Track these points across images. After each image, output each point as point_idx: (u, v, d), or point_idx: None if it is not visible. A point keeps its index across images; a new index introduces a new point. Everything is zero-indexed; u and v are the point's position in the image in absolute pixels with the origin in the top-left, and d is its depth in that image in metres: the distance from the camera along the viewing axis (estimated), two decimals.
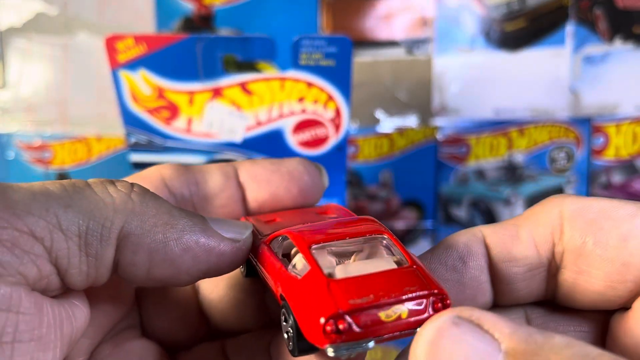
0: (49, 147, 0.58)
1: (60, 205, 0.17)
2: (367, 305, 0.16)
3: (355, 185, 0.59)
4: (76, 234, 0.17)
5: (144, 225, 0.18)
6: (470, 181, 0.59)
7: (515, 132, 0.58)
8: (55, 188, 0.18)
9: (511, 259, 0.20)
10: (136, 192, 0.19)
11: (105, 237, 0.18)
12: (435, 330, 0.15)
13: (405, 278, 0.17)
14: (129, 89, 0.41)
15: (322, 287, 0.17)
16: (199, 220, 0.20)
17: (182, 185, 0.24)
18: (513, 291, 0.21)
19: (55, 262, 0.17)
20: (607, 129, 0.58)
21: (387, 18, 0.58)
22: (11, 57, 0.58)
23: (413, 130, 0.58)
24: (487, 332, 0.14)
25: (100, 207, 0.18)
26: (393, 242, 0.19)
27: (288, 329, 0.18)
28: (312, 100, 0.41)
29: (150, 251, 0.18)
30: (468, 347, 0.14)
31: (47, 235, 0.17)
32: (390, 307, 0.17)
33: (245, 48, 0.40)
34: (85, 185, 0.18)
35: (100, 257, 0.18)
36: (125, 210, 0.18)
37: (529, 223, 0.20)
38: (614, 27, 0.57)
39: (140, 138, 0.42)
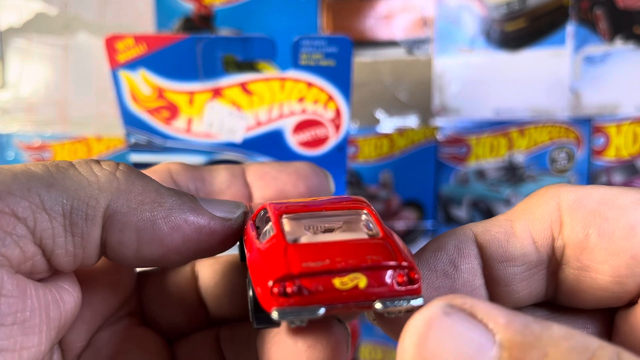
0: (49, 148, 0.58)
1: (42, 185, 0.16)
2: (321, 269, 0.15)
3: (355, 185, 0.59)
4: (60, 213, 0.17)
5: (130, 203, 0.18)
6: (470, 181, 0.59)
7: (515, 133, 0.58)
8: (37, 168, 0.17)
9: (507, 258, 0.19)
10: (121, 171, 0.18)
11: (90, 216, 0.17)
12: (425, 321, 0.14)
13: (371, 248, 0.16)
14: (129, 89, 0.41)
15: (279, 252, 0.16)
16: (188, 199, 0.19)
17: (189, 179, 0.24)
18: (511, 293, 0.19)
19: (39, 243, 0.17)
20: (607, 129, 0.58)
21: (387, 18, 0.58)
22: (11, 57, 0.58)
23: (413, 130, 0.58)
24: (480, 322, 0.13)
25: (85, 185, 0.17)
26: (372, 218, 0.18)
27: (248, 300, 0.18)
28: (312, 101, 0.41)
29: (137, 230, 0.18)
30: (460, 339, 0.13)
31: (30, 215, 0.16)
32: (346, 274, 0.15)
33: (245, 48, 0.40)
34: (69, 165, 0.18)
35: (87, 236, 0.17)
36: (110, 188, 0.18)
37: (524, 217, 0.19)
38: (614, 27, 0.57)
39: (140, 138, 0.42)
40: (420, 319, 0.14)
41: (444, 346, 0.13)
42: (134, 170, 0.19)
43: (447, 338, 0.13)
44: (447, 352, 0.13)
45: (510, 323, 0.13)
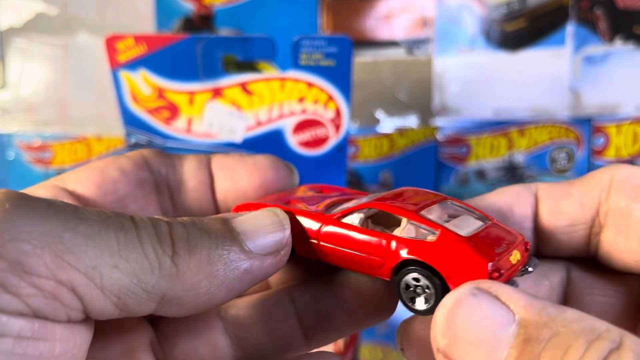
0: (49, 147, 0.58)
1: (107, 264, 0.17)
2: (503, 253, 0.19)
3: (355, 185, 0.59)
4: (116, 294, 0.17)
5: (186, 286, 0.18)
6: (470, 181, 0.59)
7: (515, 132, 0.58)
8: (109, 231, 0.17)
9: (556, 212, 0.22)
10: (179, 255, 0.18)
11: (144, 301, 0.18)
12: (454, 300, 0.16)
13: (500, 230, 0.21)
14: (129, 89, 0.41)
15: (464, 244, 0.19)
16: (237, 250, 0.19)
17: (161, 165, 0.25)
18: (555, 242, 0.22)
19: (87, 314, 0.17)
20: (607, 129, 0.58)
21: (387, 18, 0.58)
22: (11, 57, 0.58)
23: (413, 130, 0.59)
24: (503, 303, 0.15)
25: (146, 270, 0.17)
26: (459, 203, 0.22)
27: (426, 290, 0.19)
28: (313, 101, 0.41)
29: (193, 305, 0.19)
30: (483, 315, 0.15)
31: (88, 293, 0.17)
32: (511, 253, 0.20)
33: (246, 48, 0.40)
34: (135, 229, 0.18)
35: (136, 313, 0.18)
36: (169, 275, 0.18)
37: (582, 183, 0.22)
38: (614, 27, 0.57)
39: (140, 138, 0.42)
40: (451, 297, 0.16)
41: (469, 321, 0.15)
42: (190, 243, 0.19)
43: (472, 314, 0.15)
44: (472, 326, 0.15)
45: (529, 305, 0.15)
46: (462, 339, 0.15)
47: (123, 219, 0.18)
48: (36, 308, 0.16)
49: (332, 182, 0.44)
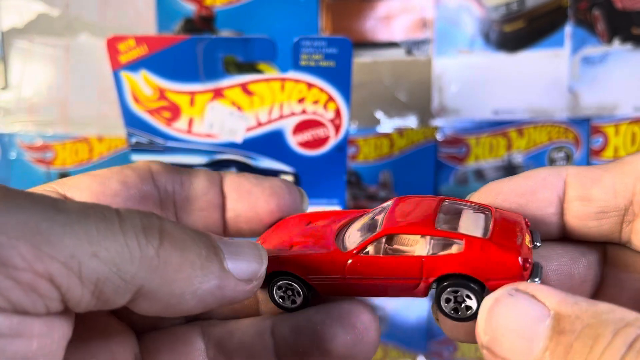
0: (51, 148, 0.59)
1: (86, 252, 0.17)
2: (522, 240, 0.20)
3: (355, 185, 0.59)
4: (94, 282, 0.17)
5: (163, 281, 0.18)
6: (469, 181, 0.59)
7: (514, 133, 0.59)
8: (89, 220, 0.17)
9: (586, 198, 0.22)
10: (164, 248, 0.18)
11: (121, 290, 0.18)
12: (493, 300, 0.18)
13: (506, 218, 0.21)
14: (130, 90, 0.41)
15: (491, 246, 0.20)
16: (217, 265, 0.20)
17: (168, 181, 0.25)
18: (584, 228, 0.22)
19: (65, 303, 0.17)
20: (605, 130, 0.59)
21: (386, 19, 0.58)
22: (13, 58, 0.58)
23: (413, 130, 0.59)
24: (538, 301, 0.17)
25: (125, 259, 0.17)
26: (452, 200, 0.23)
27: (466, 298, 0.20)
28: (312, 101, 0.41)
29: (165, 303, 0.19)
30: (520, 312, 0.17)
31: (65, 281, 0.16)
32: (525, 237, 0.21)
33: (246, 49, 0.41)
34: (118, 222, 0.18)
35: (111, 303, 0.18)
36: (148, 267, 0.18)
37: (616, 169, 0.22)
38: (612, 28, 0.57)
39: (141, 139, 0.43)
40: (490, 298, 0.18)
41: (507, 317, 0.17)
42: (176, 240, 0.19)
43: (511, 311, 0.17)
44: (511, 322, 0.17)
45: (563, 301, 0.16)
46: (503, 334, 0.17)
47: (106, 210, 0.18)
48: (15, 302, 0.16)
49: (332, 182, 0.44)
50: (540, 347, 0.16)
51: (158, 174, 0.24)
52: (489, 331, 0.17)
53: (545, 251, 0.23)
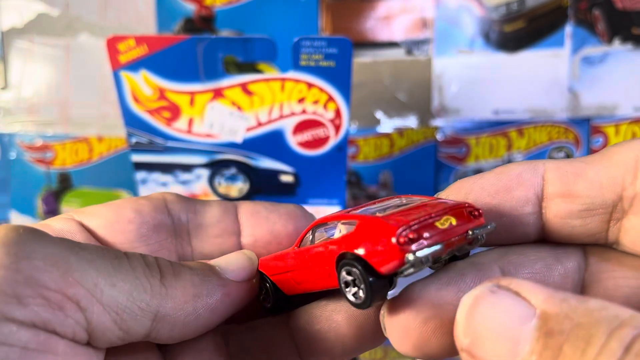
0: (51, 148, 0.59)
1: (107, 283, 0.19)
2: (423, 218, 0.19)
3: (355, 185, 0.59)
4: (114, 310, 0.19)
5: (175, 305, 0.21)
6: None
7: (514, 133, 0.59)
8: (105, 258, 0.20)
9: (568, 195, 0.20)
10: (167, 280, 0.21)
11: (140, 317, 0.20)
12: (473, 298, 0.16)
13: (438, 203, 0.20)
14: (130, 90, 0.41)
15: (375, 221, 0.19)
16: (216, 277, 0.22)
17: (182, 210, 0.26)
18: (567, 228, 0.20)
19: (90, 331, 0.19)
20: (606, 130, 0.59)
21: (386, 19, 0.58)
22: (13, 58, 0.58)
23: (413, 130, 0.59)
24: (523, 298, 0.15)
25: (140, 290, 0.20)
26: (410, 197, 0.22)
27: (356, 281, 0.19)
28: (312, 101, 0.41)
29: (183, 325, 0.21)
30: (503, 311, 0.15)
31: (90, 307, 0.19)
32: (440, 217, 0.19)
33: (246, 49, 0.41)
34: (132, 263, 0.20)
35: (133, 333, 0.20)
36: (160, 294, 0.20)
37: (600, 162, 0.20)
38: (612, 28, 0.57)
39: (141, 139, 0.43)
40: (469, 296, 0.16)
41: (489, 318, 0.15)
42: (175, 271, 0.21)
43: (493, 311, 0.15)
44: (493, 323, 0.15)
45: (550, 298, 0.15)
46: (484, 336, 0.15)
47: (116, 251, 0.21)
48: (44, 319, 0.18)
49: (332, 182, 0.44)
50: (526, 350, 0.15)
51: (172, 203, 0.26)
52: (469, 333, 0.16)
53: (517, 257, 0.20)
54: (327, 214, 0.23)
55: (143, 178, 0.44)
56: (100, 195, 0.59)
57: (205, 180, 0.45)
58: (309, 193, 0.45)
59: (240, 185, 0.45)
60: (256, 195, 0.45)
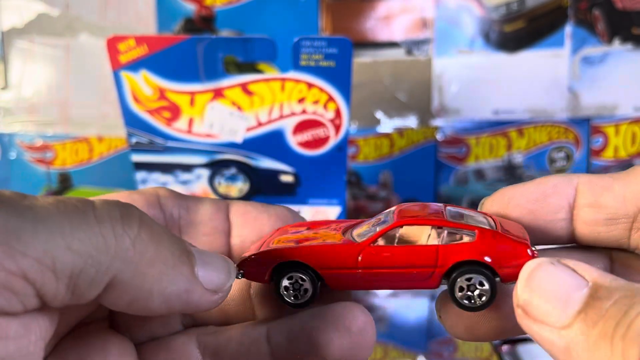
0: (51, 148, 0.59)
1: (60, 246, 0.17)
2: (528, 237, 0.22)
3: (355, 185, 0.60)
4: (68, 275, 0.17)
5: (136, 273, 0.18)
6: (469, 181, 0.59)
7: (514, 133, 0.59)
8: (61, 213, 0.17)
9: (595, 205, 0.23)
10: (141, 238, 0.19)
11: (96, 282, 0.18)
12: (535, 263, 0.19)
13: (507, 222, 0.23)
14: (131, 90, 0.41)
15: (501, 236, 0.21)
16: (188, 268, 0.20)
17: (174, 206, 0.25)
18: (594, 234, 0.23)
19: (40, 298, 0.17)
20: (606, 130, 0.59)
21: (386, 19, 0.58)
22: (13, 58, 0.59)
23: (413, 130, 0.59)
24: (579, 274, 0.18)
25: (101, 250, 0.17)
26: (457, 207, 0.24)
27: (478, 286, 0.21)
28: (313, 101, 0.41)
29: (132, 298, 0.19)
30: (560, 278, 0.18)
31: (39, 277, 0.16)
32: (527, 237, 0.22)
33: (246, 49, 0.41)
34: (93, 213, 0.18)
35: (85, 297, 0.18)
36: (123, 257, 0.18)
37: (625, 178, 0.23)
38: (612, 28, 0.57)
39: (141, 139, 0.43)
40: (532, 262, 0.19)
41: (547, 281, 0.18)
42: (153, 233, 0.19)
43: (550, 276, 0.18)
44: (549, 285, 0.18)
45: (602, 276, 0.17)
46: (540, 296, 0.18)
47: (80, 203, 0.18)
48: None
49: (332, 182, 0.44)
50: (575, 310, 0.17)
51: (165, 198, 0.25)
52: (527, 291, 0.18)
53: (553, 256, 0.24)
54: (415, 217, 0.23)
55: (143, 178, 0.44)
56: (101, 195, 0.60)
57: (205, 180, 0.45)
58: (309, 193, 0.45)
59: (241, 185, 0.45)
60: (256, 195, 0.45)
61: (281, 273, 0.23)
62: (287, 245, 0.23)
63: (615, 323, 0.16)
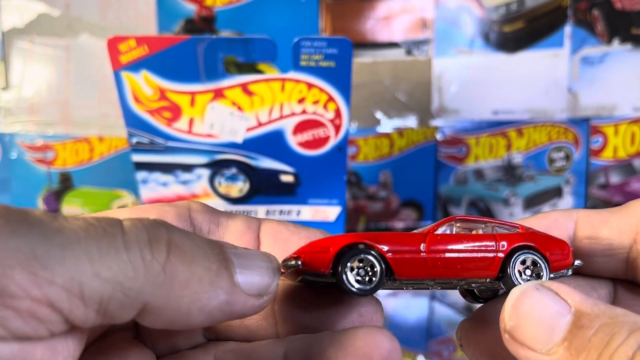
0: (51, 148, 0.59)
1: (87, 273, 0.16)
2: None
3: (355, 185, 0.60)
4: (97, 301, 0.17)
5: (169, 297, 0.18)
6: (469, 181, 0.59)
7: (514, 133, 0.59)
8: (89, 238, 0.17)
9: (594, 237, 0.24)
10: (171, 262, 0.18)
11: (127, 306, 0.17)
12: (521, 291, 0.20)
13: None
14: (131, 90, 0.41)
15: (544, 234, 0.24)
16: (227, 279, 0.19)
17: (204, 220, 0.25)
18: (593, 264, 0.25)
19: (69, 323, 0.17)
20: (605, 130, 0.59)
21: (386, 19, 0.58)
22: (14, 58, 0.59)
23: (412, 130, 0.59)
24: (562, 298, 0.19)
25: (130, 276, 0.17)
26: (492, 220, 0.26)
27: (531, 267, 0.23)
28: (313, 101, 0.42)
29: (171, 318, 0.18)
30: (544, 304, 0.19)
31: (67, 305, 0.16)
32: None
33: (247, 49, 0.41)
34: (122, 235, 0.17)
35: (118, 319, 0.17)
36: (154, 282, 0.17)
37: (621, 212, 0.24)
38: (612, 29, 0.57)
39: (142, 139, 0.43)
40: (518, 289, 0.20)
41: (532, 308, 0.19)
42: (185, 254, 0.18)
43: (535, 303, 0.19)
44: (535, 312, 0.19)
45: (584, 301, 0.18)
46: (526, 322, 0.19)
47: (108, 224, 0.17)
48: (14, 330, 0.16)
49: (332, 182, 0.44)
50: (560, 337, 0.18)
51: (196, 212, 0.24)
52: (514, 318, 0.19)
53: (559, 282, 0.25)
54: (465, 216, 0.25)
55: (144, 178, 0.44)
56: (101, 195, 0.60)
57: (205, 180, 0.45)
58: (309, 193, 0.45)
59: (241, 185, 0.45)
60: (256, 195, 0.45)
61: (345, 259, 0.22)
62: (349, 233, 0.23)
63: (597, 354, 0.17)
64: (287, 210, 0.45)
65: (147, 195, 0.45)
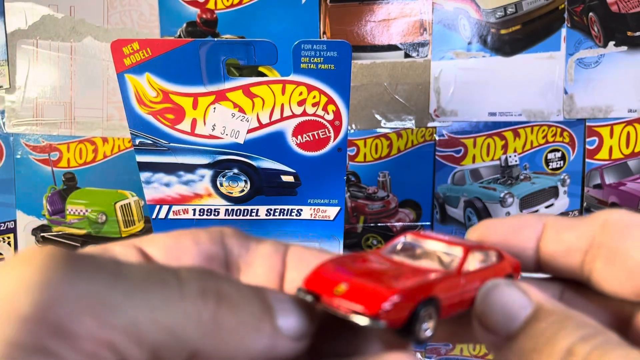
0: (56, 148, 0.59)
1: (145, 319, 0.17)
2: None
3: (354, 185, 0.60)
4: (151, 346, 0.18)
5: (217, 344, 0.19)
6: (467, 182, 0.60)
7: (510, 134, 0.59)
8: (149, 287, 0.18)
9: (557, 240, 0.26)
10: (224, 311, 0.19)
11: (177, 352, 0.18)
12: (494, 284, 0.22)
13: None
14: (135, 92, 0.42)
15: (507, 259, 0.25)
16: (269, 324, 0.20)
17: (235, 245, 0.25)
18: (554, 264, 0.27)
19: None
20: (600, 131, 0.59)
21: (385, 23, 0.59)
22: (18, 60, 0.59)
23: (411, 131, 0.59)
24: (527, 295, 0.22)
25: (183, 323, 0.18)
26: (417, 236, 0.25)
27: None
28: (313, 103, 0.42)
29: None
30: (511, 297, 0.22)
31: (124, 348, 0.17)
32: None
33: (248, 52, 0.41)
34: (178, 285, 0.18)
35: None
36: (205, 332, 0.18)
37: (585, 219, 0.26)
38: (607, 31, 0.58)
39: (145, 140, 0.43)
40: (492, 282, 0.22)
41: (501, 299, 0.22)
42: (232, 302, 0.19)
43: (504, 295, 0.22)
44: (501, 302, 0.22)
45: (545, 300, 0.21)
46: (493, 310, 0.22)
47: (166, 274, 0.18)
48: None
49: (332, 182, 0.45)
50: (519, 325, 0.21)
51: (228, 237, 0.25)
52: (484, 305, 0.22)
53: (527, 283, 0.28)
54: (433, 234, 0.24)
55: (147, 178, 0.45)
56: (105, 195, 0.60)
57: (208, 180, 0.45)
58: (309, 193, 0.45)
59: (242, 185, 0.45)
60: (257, 195, 0.45)
61: (422, 316, 0.20)
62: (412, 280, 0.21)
63: (546, 341, 0.20)
64: (287, 210, 0.46)
65: (151, 195, 0.45)
